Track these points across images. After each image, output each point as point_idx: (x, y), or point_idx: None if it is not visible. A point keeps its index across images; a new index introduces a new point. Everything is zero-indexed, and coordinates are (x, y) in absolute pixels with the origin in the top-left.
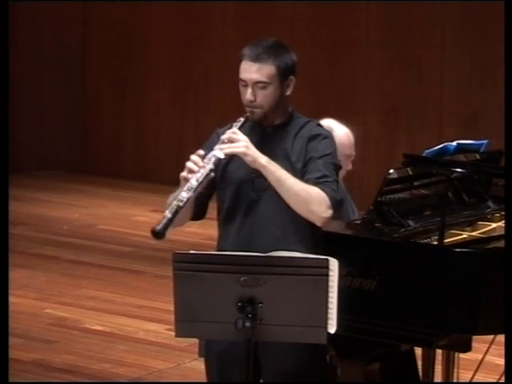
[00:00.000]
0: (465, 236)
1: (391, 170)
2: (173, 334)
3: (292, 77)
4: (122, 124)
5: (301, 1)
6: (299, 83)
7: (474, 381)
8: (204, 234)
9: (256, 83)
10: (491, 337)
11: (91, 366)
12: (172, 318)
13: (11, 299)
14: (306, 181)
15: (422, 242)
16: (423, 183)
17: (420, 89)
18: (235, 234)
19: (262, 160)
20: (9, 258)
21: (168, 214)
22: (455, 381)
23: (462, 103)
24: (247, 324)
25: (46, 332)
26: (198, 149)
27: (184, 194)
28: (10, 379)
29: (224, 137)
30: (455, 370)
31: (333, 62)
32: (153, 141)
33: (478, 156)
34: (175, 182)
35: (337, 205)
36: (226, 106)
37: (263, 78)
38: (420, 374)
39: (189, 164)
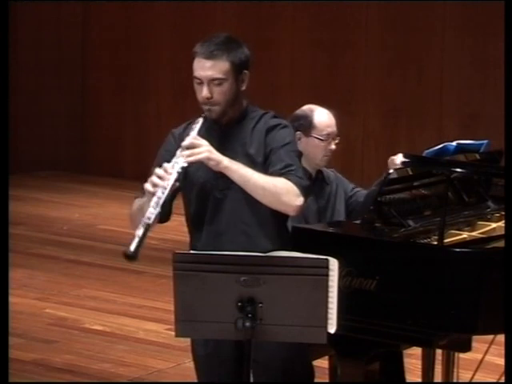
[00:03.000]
0: (465, 236)
1: (391, 170)
2: (173, 333)
3: (246, 71)
4: (122, 124)
5: (301, 1)
6: (299, 83)
7: (473, 381)
8: None
9: (211, 80)
10: (491, 337)
11: (91, 366)
12: (172, 317)
13: (11, 299)
14: (271, 173)
15: (421, 241)
16: (423, 183)
17: (420, 89)
18: (205, 234)
19: (225, 161)
20: (9, 258)
21: (138, 232)
22: (455, 381)
23: (462, 103)
24: (247, 324)
25: (46, 332)
26: None
27: (152, 210)
28: (10, 379)
29: (185, 143)
30: (455, 370)
31: (333, 62)
32: (153, 141)
33: (478, 156)
34: None
35: (305, 191)
36: None
37: (218, 75)
38: (420, 373)
39: (153, 179)
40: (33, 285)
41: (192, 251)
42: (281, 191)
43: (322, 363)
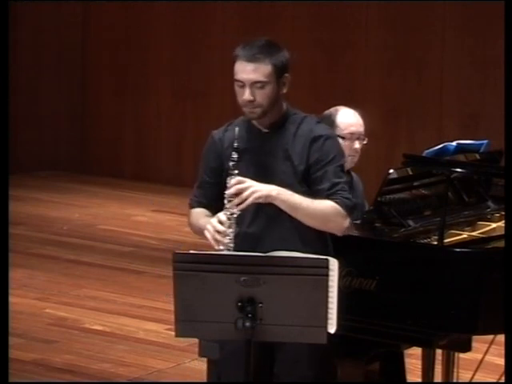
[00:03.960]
0: (465, 236)
1: (391, 170)
2: (173, 333)
3: (287, 74)
4: (122, 124)
5: (301, 1)
6: (299, 83)
7: (473, 381)
8: None
9: (254, 83)
10: (491, 337)
11: (91, 366)
12: (172, 317)
13: (11, 299)
14: (318, 192)
15: (421, 241)
16: (423, 183)
17: (420, 89)
18: (242, 238)
19: (273, 193)
20: (9, 258)
21: None
22: (455, 381)
23: (462, 103)
24: (247, 324)
25: (46, 332)
26: (197, 149)
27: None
28: (10, 379)
29: (230, 192)
30: (455, 370)
31: (333, 62)
32: (153, 141)
33: (478, 156)
34: (175, 183)
35: (351, 210)
36: (225, 107)
37: (261, 78)
38: (420, 374)
39: (216, 236)
40: (33, 285)
41: (192, 251)
42: (329, 218)
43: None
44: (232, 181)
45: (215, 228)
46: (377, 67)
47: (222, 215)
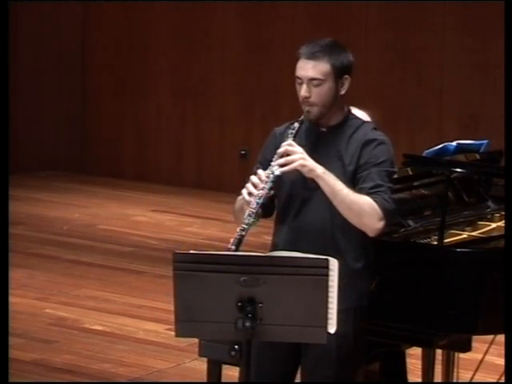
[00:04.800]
0: (465, 236)
1: None
2: (173, 333)
3: (347, 76)
4: (122, 124)
5: (301, 1)
6: None
7: (473, 381)
8: (204, 234)
9: (311, 80)
10: (491, 337)
11: (91, 366)
12: (172, 317)
13: (11, 299)
14: (360, 190)
15: (421, 241)
16: (423, 183)
17: (420, 89)
18: (287, 231)
19: (319, 170)
20: (9, 258)
21: (232, 247)
22: (455, 381)
23: (462, 103)
24: (247, 324)
25: (46, 332)
26: (198, 149)
27: (246, 221)
28: (10, 379)
29: (280, 150)
30: (455, 370)
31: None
32: (153, 141)
33: (478, 156)
34: (175, 183)
35: (389, 214)
36: (226, 107)
37: (318, 75)
38: (420, 374)
39: (249, 187)
40: (33, 285)
41: (192, 251)
42: (364, 213)
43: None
44: (285, 142)
45: (251, 180)
46: (377, 67)
47: (262, 171)
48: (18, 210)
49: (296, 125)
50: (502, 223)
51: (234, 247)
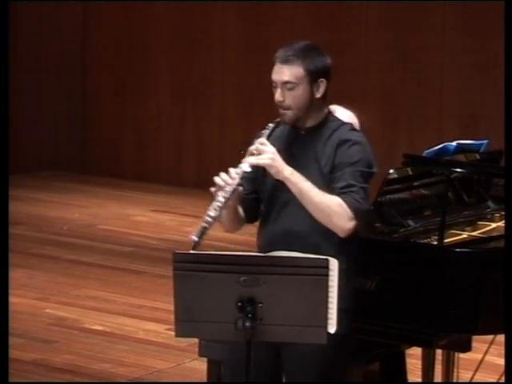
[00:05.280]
0: (465, 236)
1: (391, 170)
2: (173, 333)
3: (323, 79)
4: (122, 124)
5: (301, 1)
6: None
7: (473, 381)
8: None
9: (284, 84)
10: (491, 337)
11: (91, 366)
12: (172, 317)
13: (11, 299)
14: (332, 190)
15: (421, 241)
16: (423, 183)
17: (420, 89)
18: (268, 234)
19: (286, 172)
20: (9, 258)
21: (195, 237)
22: (455, 381)
23: (462, 103)
24: (247, 324)
25: (46, 332)
26: (197, 149)
27: (211, 214)
28: (10, 379)
29: (252, 148)
30: (455, 370)
31: (333, 62)
32: (153, 141)
33: (478, 156)
34: (175, 183)
35: (360, 214)
36: (226, 107)
37: (291, 79)
38: (420, 374)
39: (216, 179)
40: (33, 285)
41: (192, 251)
42: (333, 213)
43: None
44: (257, 140)
45: (221, 176)
46: (377, 67)
47: (232, 168)
48: (18, 210)
49: (271, 125)
50: (502, 223)
51: (196, 238)
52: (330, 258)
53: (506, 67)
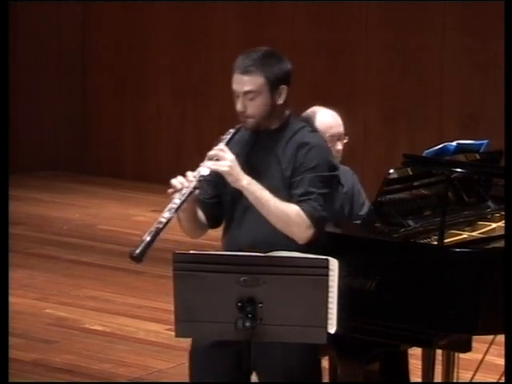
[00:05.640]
0: (465, 236)
1: (391, 170)
2: (173, 334)
3: (284, 85)
4: (122, 124)
5: (301, 1)
6: (299, 83)
7: (473, 381)
8: None
9: (245, 94)
10: (491, 337)
11: (91, 366)
12: (172, 317)
13: (11, 299)
14: (291, 196)
15: (421, 242)
16: (423, 183)
17: (420, 89)
18: (231, 240)
19: (244, 182)
20: (9, 258)
21: (147, 237)
22: (455, 381)
23: (462, 103)
24: (247, 324)
25: (46, 332)
26: (197, 149)
27: (166, 215)
28: (10, 379)
29: (211, 153)
30: (455, 370)
31: (333, 62)
32: (153, 141)
33: (478, 156)
34: None
35: (318, 222)
36: (225, 108)
37: (252, 89)
38: (420, 374)
39: (173, 182)
40: (33, 285)
41: (192, 251)
42: (291, 222)
43: (322, 363)
44: (217, 146)
45: (178, 179)
46: (377, 67)
47: (190, 172)
48: (18, 210)
49: (231, 130)
50: (502, 223)
51: (148, 238)
52: (330, 258)
53: (506, 67)
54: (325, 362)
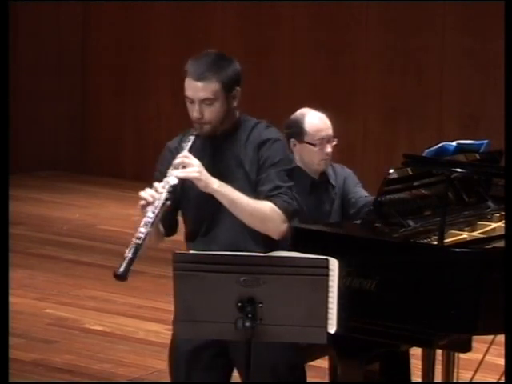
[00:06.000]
0: (465, 236)
1: (391, 170)
2: None
3: (238, 87)
4: (122, 124)
5: (301, 1)
6: (299, 83)
7: (474, 381)
8: None
9: (202, 101)
10: (491, 337)
11: (91, 366)
12: (172, 317)
13: (11, 299)
14: (259, 193)
15: (421, 242)
16: (423, 183)
17: (420, 89)
18: (198, 249)
19: (215, 185)
20: (9, 258)
21: (128, 254)
22: (455, 381)
23: (462, 103)
24: (247, 324)
25: (46, 332)
26: None
27: (142, 230)
28: (10, 379)
29: (176, 162)
30: (455, 370)
31: (333, 62)
32: (153, 141)
33: (478, 156)
34: None
35: (291, 215)
36: None
37: (209, 95)
38: (420, 374)
39: (143, 195)
40: (33, 285)
41: (192, 251)
42: (267, 218)
43: (321, 363)
44: (181, 154)
45: (147, 192)
46: (377, 67)
47: (157, 183)
48: (18, 210)
49: (191, 137)
50: (502, 223)
51: (130, 255)
52: (330, 258)
53: (506, 67)
54: (325, 362)
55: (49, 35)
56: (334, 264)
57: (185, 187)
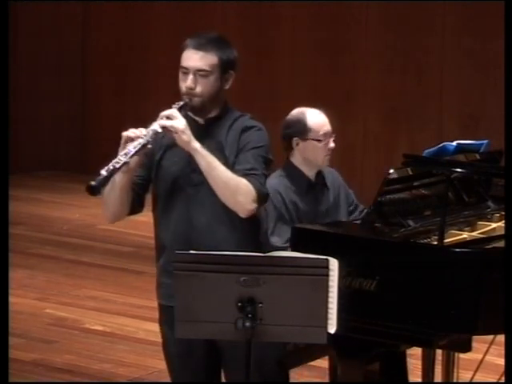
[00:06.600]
0: (465, 236)
1: (391, 170)
2: None
3: (232, 71)
4: (122, 124)
5: (301, 1)
6: (299, 83)
7: (473, 381)
8: None
9: (198, 71)
10: (491, 337)
11: (91, 366)
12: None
13: (11, 299)
14: (236, 172)
15: (422, 242)
16: (423, 183)
17: (420, 89)
18: (174, 227)
19: (196, 144)
20: (9, 258)
21: (104, 172)
22: (455, 381)
23: (462, 103)
24: (247, 324)
25: (46, 332)
26: None
27: (121, 158)
28: (10, 379)
29: (164, 113)
30: (455, 370)
31: (333, 62)
32: None
33: (478, 156)
34: None
35: (262, 199)
36: None
37: (205, 67)
38: (420, 374)
39: (127, 133)
40: (33, 285)
41: (192, 251)
42: (240, 191)
43: (321, 363)
44: (169, 110)
45: (132, 131)
46: (377, 67)
47: (142, 128)
48: (19, 210)
49: (174, 106)
50: (502, 223)
51: (105, 173)
52: (330, 258)
53: (506, 67)
54: (325, 362)
55: (49, 35)
56: (334, 264)
57: (162, 166)
